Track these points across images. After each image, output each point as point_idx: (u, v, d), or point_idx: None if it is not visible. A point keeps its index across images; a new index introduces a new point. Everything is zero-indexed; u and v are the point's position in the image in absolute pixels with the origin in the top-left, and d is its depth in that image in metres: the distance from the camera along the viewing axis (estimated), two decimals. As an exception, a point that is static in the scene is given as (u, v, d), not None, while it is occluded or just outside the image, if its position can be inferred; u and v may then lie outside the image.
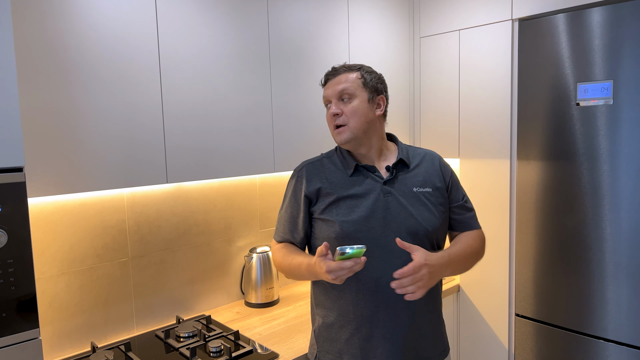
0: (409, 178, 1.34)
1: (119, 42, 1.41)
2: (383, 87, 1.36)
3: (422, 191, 1.33)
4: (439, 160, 1.40)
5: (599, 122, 1.78)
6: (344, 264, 1.09)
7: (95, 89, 1.37)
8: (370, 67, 1.39)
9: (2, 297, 1.03)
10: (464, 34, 2.18)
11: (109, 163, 1.41)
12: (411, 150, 1.40)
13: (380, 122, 1.36)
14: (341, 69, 1.34)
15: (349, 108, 1.30)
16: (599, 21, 1.75)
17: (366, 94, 1.31)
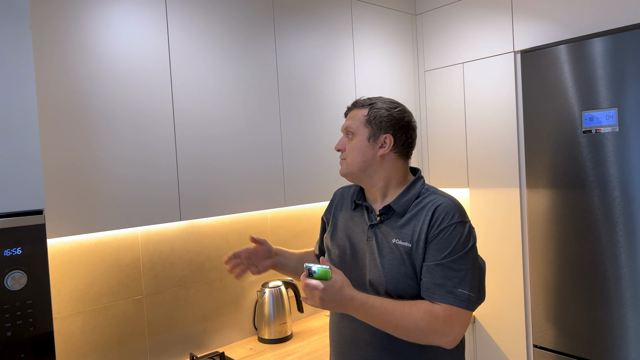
0: (395, 227, 1.24)
1: (134, 87, 1.46)
2: (392, 125, 1.25)
3: (401, 244, 1.21)
4: (438, 212, 1.20)
5: (606, 149, 1.79)
6: (307, 282, 1.10)
7: (111, 132, 1.42)
8: (389, 103, 1.28)
9: (20, 338, 1.05)
10: (467, 66, 2.23)
11: (124, 203, 1.45)
12: (422, 196, 1.25)
13: (387, 160, 1.27)
14: (356, 104, 1.31)
15: (349, 145, 1.29)
16: (600, 51, 1.79)
17: (367, 132, 1.26)
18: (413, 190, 1.27)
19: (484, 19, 2.15)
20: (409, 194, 1.26)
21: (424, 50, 2.40)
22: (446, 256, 1.16)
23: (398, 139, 1.26)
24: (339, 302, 1.11)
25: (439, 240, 1.17)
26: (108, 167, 1.42)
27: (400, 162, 1.29)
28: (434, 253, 1.17)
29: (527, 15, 2.00)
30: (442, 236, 1.17)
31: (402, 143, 1.27)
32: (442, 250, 1.16)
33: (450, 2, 2.27)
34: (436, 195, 1.25)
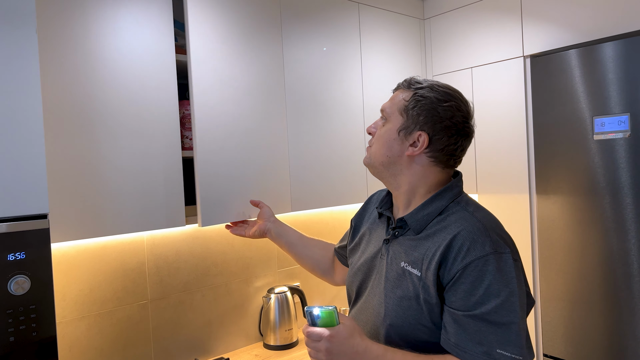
0: (407, 247, 1.02)
1: (139, 91, 1.46)
2: (432, 121, 1.00)
3: (410, 270, 0.99)
4: (459, 240, 0.93)
5: (618, 155, 1.76)
6: (309, 331, 0.92)
7: (117, 137, 1.42)
8: (442, 93, 1.01)
9: (24, 343, 1.04)
10: (476, 71, 2.21)
11: (129, 207, 1.44)
12: (448, 212, 1.01)
13: (417, 163, 1.03)
14: (403, 84, 1.08)
15: (379, 131, 1.08)
16: (611, 55, 1.76)
17: (401, 121, 1.03)
18: (437, 203, 1.02)
19: (493, 23, 2.13)
20: (430, 206, 1.02)
21: (432, 54, 2.39)
22: (477, 304, 0.89)
23: (436, 141, 1.00)
24: (350, 354, 0.91)
25: (464, 279, 0.90)
26: (113, 173, 1.41)
27: (436, 170, 1.04)
28: (462, 297, 0.90)
29: (537, 20, 1.98)
30: (469, 274, 0.90)
31: (442, 147, 1.01)
32: (471, 294, 0.89)
33: (458, 7, 2.26)
34: (465, 212, 0.98)
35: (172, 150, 1.53)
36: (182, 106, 1.57)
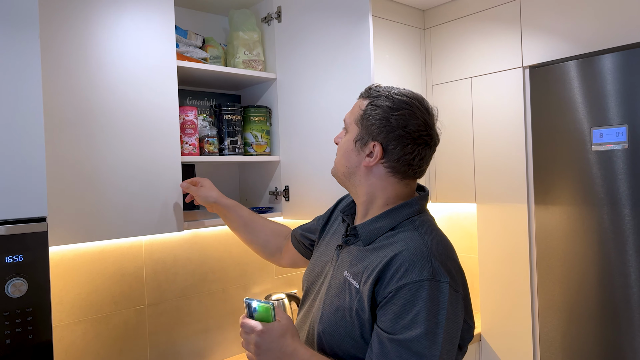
0: (352, 256, 1.01)
1: (140, 95, 1.47)
2: (384, 131, 0.97)
3: (351, 281, 0.97)
4: (399, 260, 0.90)
5: (616, 166, 1.77)
6: (243, 322, 0.94)
7: (116, 142, 1.42)
8: (396, 101, 0.98)
9: (19, 346, 1.04)
10: (475, 81, 2.22)
11: (127, 212, 1.44)
12: (400, 228, 0.98)
13: (375, 174, 1.01)
14: (363, 93, 1.06)
15: (340, 142, 1.08)
16: (610, 67, 1.77)
17: (356, 132, 1.02)
18: (392, 218, 0.99)
19: (492, 34, 2.14)
20: (383, 220, 0.99)
21: (432, 64, 2.40)
22: (404, 328, 0.86)
23: (390, 151, 0.98)
24: (277, 352, 0.90)
25: (396, 301, 0.87)
26: (111, 178, 1.42)
27: (393, 181, 1.01)
28: (390, 318, 0.88)
29: (536, 31, 1.99)
30: (401, 297, 0.87)
31: (397, 158, 0.98)
32: (399, 317, 0.87)
33: (458, 17, 2.27)
34: (415, 233, 0.95)
35: (172, 155, 1.53)
36: (182, 112, 1.58)
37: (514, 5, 2.06)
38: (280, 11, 1.77)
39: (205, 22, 1.93)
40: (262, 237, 1.46)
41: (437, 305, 0.87)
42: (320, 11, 1.62)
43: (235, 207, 1.47)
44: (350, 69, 1.54)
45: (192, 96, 1.85)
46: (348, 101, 1.56)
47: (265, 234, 1.45)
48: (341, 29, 1.55)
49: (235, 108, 1.73)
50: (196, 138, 1.60)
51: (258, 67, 1.79)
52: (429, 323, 0.86)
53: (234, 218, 1.46)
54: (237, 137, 1.72)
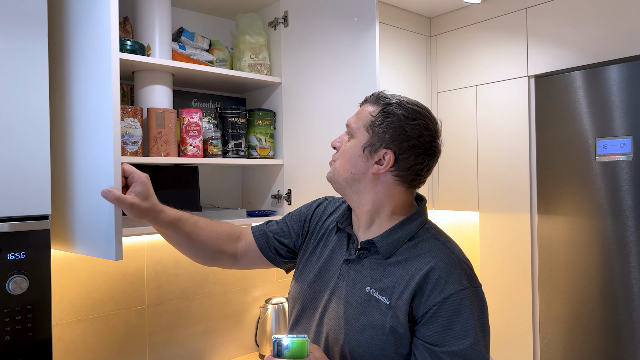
0: (373, 271, 0.98)
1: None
2: (398, 139, 0.96)
3: (377, 297, 0.95)
4: (437, 273, 0.91)
5: (620, 177, 1.76)
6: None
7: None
8: (411, 111, 0.98)
9: (18, 343, 1.04)
10: (480, 89, 2.22)
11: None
12: (418, 238, 0.98)
13: (382, 182, 1.00)
14: (370, 98, 1.04)
15: (344, 146, 1.04)
16: (615, 78, 1.77)
17: (366, 138, 0.99)
18: (408, 228, 0.99)
19: (498, 42, 2.14)
20: (400, 231, 0.98)
21: (438, 71, 2.40)
22: (455, 339, 0.87)
23: (402, 160, 0.97)
24: None
25: (442, 313, 0.88)
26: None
27: (400, 189, 1.00)
28: (438, 331, 0.88)
29: (542, 40, 2.00)
30: (446, 308, 0.88)
31: (407, 167, 0.98)
32: (448, 329, 0.88)
33: (465, 25, 2.28)
34: (437, 242, 0.97)
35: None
36: (187, 114, 1.59)
37: (520, 14, 2.06)
38: (287, 16, 1.78)
39: (213, 26, 1.95)
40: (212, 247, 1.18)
41: (480, 311, 0.90)
42: (327, 17, 1.63)
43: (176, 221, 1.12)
44: (355, 75, 1.54)
45: (197, 98, 1.86)
46: (352, 107, 1.56)
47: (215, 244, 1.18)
48: (347, 35, 1.56)
49: (239, 111, 1.73)
50: (200, 140, 1.61)
51: (263, 71, 1.80)
52: (477, 330, 0.88)
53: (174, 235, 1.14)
54: (241, 140, 1.73)
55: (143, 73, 1.56)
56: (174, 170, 1.63)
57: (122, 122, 1.43)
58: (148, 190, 1.05)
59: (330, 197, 1.24)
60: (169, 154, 1.53)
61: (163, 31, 1.58)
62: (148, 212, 1.05)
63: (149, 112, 1.51)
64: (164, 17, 1.58)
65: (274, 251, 1.20)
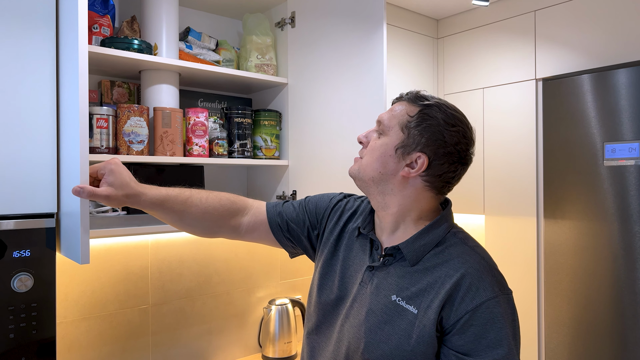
0: (400, 279, 0.94)
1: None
2: (435, 144, 0.92)
3: (404, 306, 0.91)
4: (468, 280, 0.88)
5: (628, 182, 1.75)
6: None
7: (128, 139, 1.43)
8: (451, 116, 0.93)
9: (23, 341, 1.04)
10: (487, 92, 2.21)
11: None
12: (445, 244, 0.95)
13: (411, 186, 0.95)
14: (407, 97, 0.99)
15: (373, 142, 0.99)
16: (624, 82, 1.76)
17: (400, 138, 0.94)
18: (435, 233, 0.95)
19: (506, 45, 2.13)
20: (427, 236, 0.94)
21: (445, 73, 2.39)
22: (489, 347, 0.84)
23: (435, 166, 0.93)
24: None
25: (474, 322, 0.85)
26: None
27: (429, 195, 0.96)
28: (471, 340, 0.85)
29: (550, 43, 1.98)
30: (479, 316, 0.85)
31: (440, 174, 0.94)
32: (482, 337, 0.84)
33: (472, 27, 2.27)
34: (466, 247, 0.93)
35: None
36: (193, 113, 1.59)
37: (528, 17, 2.05)
38: (294, 16, 1.78)
39: (220, 26, 1.95)
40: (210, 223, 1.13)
41: (512, 318, 0.87)
42: (334, 18, 1.63)
43: (162, 200, 1.05)
44: (362, 76, 1.54)
45: (203, 98, 1.86)
46: (359, 108, 1.56)
47: (213, 220, 1.12)
48: (354, 36, 1.55)
49: (245, 111, 1.73)
50: (206, 140, 1.61)
51: (270, 72, 1.80)
52: (510, 338, 0.85)
53: (163, 215, 1.09)
54: (246, 140, 1.73)
55: (150, 72, 1.56)
56: (179, 169, 1.63)
57: (128, 122, 1.43)
58: (121, 178, 0.99)
59: (348, 196, 1.18)
60: (174, 154, 1.53)
61: (170, 31, 1.58)
62: (127, 199, 1.00)
63: (155, 111, 1.51)
64: (171, 17, 1.58)
65: (286, 236, 1.16)
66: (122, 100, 1.64)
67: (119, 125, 1.43)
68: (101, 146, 1.39)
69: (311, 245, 1.16)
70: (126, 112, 1.43)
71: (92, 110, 1.39)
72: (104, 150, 1.39)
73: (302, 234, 1.15)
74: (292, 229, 1.15)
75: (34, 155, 1.06)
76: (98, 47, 1.36)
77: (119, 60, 1.45)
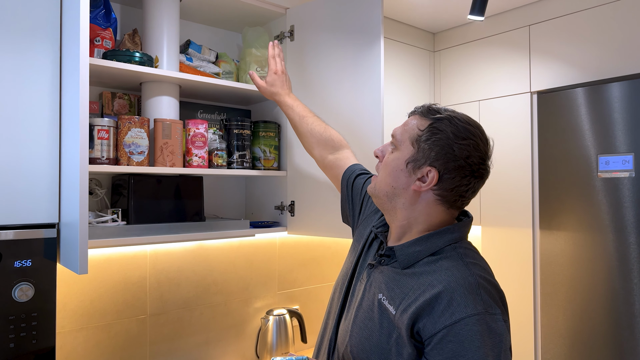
0: (389, 279, 0.95)
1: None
2: (444, 158, 0.92)
3: (386, 306, 0.92)
4: (446, 295, 0.85)
5: (622, 194, 1.77)
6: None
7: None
8: (462, 129, 0.92)
9: (22, 350, 1.05)
10: (483, 104, 2.24)
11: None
12: (442, 254, 0.93)
13: (422, 200, 0.95)
14: (420, 110, 0.99)
15: (387, 157, 1.00)
16: (618, 96, 1.79)
17: (410, 153, 0.95)
18: (433, 242, 0.94)
19: (501, 58, 2.17)
20: (424, 244, 0.94)
21: (441, 86, 2.43)
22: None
23: (447, 179, 0.92)
24: None
25: (453, 338, 0.82)
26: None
27: (440, 209, 0.96)
28: (449, 356, 0.82)
29: (544, 57, 2.02)
30: (457, 333, 0.82)
31: (452, 187, 0.93)
32: (459, 355, 0.81)
33: (468, 41, 2.31)
34: (460, 262, 0.90)
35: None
36: (193, 125, 1.61)
37: (523, 31, 2.09)
38: (293, 30, 1.81)
39: (220, 38, 1.98)
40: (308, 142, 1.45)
41: (495, 339, 0.83)
42: (333, 31, 1.65)
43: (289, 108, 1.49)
44: (359, 89, 1.56)
45: (203, 110, 1.88)
46: (356, 120, 1.58)
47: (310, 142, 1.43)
48: (352, 49, 1.58)
49: (245, 123, 1.75)
50: (205, 151, 1.63)
51: (269, 84, 1.82)
52: (490, 357, 0.82)
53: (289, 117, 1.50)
54: (245, 151, 1.75)
55: (150, 84, 1.59)
56: (178, 180, 1.64)
57: (129, 133, 1.45)
58: (276, 81, 1.50)
59: None
60: (174, 164, 1.55)
61: (171, 43, 1.60)
62: (273, 95, 1.51)
63: (156, 122, 1.53)
64: (172, 30, 1.60)
65: (349, 200, 1.26)
66: (123, 111, 1.66)
67: (120, 136, 1.45)
68: (102, 157, 1.40)
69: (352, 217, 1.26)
70: (127, 124, 1.45)
71: (93, 121, 1.40)
72: (105, 161, 1.40)
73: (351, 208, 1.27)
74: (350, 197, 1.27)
75: (36, 165, 1.08)
76: (100, 59, 1.39)
77: (121, 73, 1.47)
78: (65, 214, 1.10)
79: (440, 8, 2.14)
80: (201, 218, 1.67)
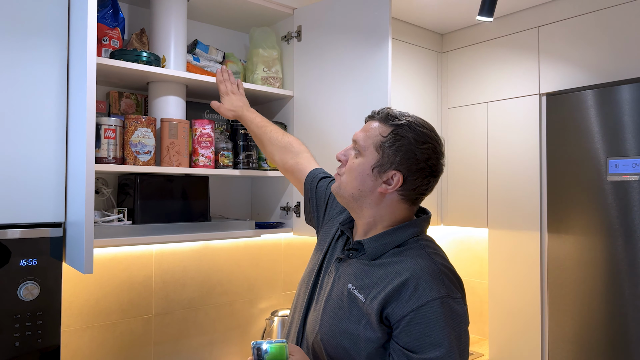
0: (357, 270, 1.02)
1: (160, 107, 1.48)
2: (408, 162, 1.00)
3: (356, 294, 0.99)
4: (413, 281, 0.94)
5: (632, 197, 1.75)
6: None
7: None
8: (421, 133, 1.01)
9: (28, 349, 1.05)
10: (491, 106, 2.22)
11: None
12: (406, 245, 1.02)
13: (387, 200, 1.03)
14: (379, 115, 1.06)
15: (350, 162, 1.07)
16: (627, 98, 1.77)
17: (375, 158, 1.02)
18: (398, 235, 1.02)
19: (510, 60, 2.15)
20: (389, 237, 1.02)
21: (449, 87, 2.41)
22: (432, 345, 0.89)
23: (410, 181, 1.01)
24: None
25: (420, 320, 0.91)
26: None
27: (403, 206, 1.05)
28: (416, 337, 0.91)
29: (554, 59, 2.00)
30: (423, 315, 0.91)
31: (414, 188, 1.02)
32: (426, 335, 0.90)
33: (476, 42, 2.29)
34: (423, 252, 0.99)
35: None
36: (200, 125, 1.60)
37: (532, 32, 2.07)
38: (301, 30, 1.80)
39: (227, 39, 1.97)
40: (269, 151, 1.49)
41: (456, 320, 0.92)
42: (340, 32, 1.65)
43: (250, 121, 1.54)
44: (367, 90, 1.55)
45: (209, 110, 1.88)
46: (363, 121, 1.57)
47: (271, 149, 1.47)
48: (360, 50, 1.57)
49: (251, 123, 1.75)
50: (212, 151, 1.62)
51: (276, 84, 1.82)
52: (452, 338, 0.91)
53: (250, 129, 1.56)
54: (251, 151, 1.74)
55: (157, 84, 1.59)
56: (184, 180, 1.64)
57: (135, 132, 1.45)
58: (233, 102, 1.55)
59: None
60: (180, 164, 1.55)
61: (178, 43, 1.60)
62: (235, 115, 1.55)
63: (162, 122, 1.53)
64: (179, 30, 1.60)
65: (313, 202, 1.31)
66: (130, 111, 1.66)
67: (127, 135, 1.45)
68: (108, 156, 1.40)
69: (317, 219, 1.30)
70: (134, 123, 1.45)
71: (100, 120, 1.41)
72: (111, 160, 1.41)
73: (315, 210, 1.31)
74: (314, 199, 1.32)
75: (42, 164, 1.08)
76: (107, 59, 1.39)
77: (128, 72, 1.47)
78: (72, 213, 1.10)
79: (449, 9, 2.13)
80: (207, 218, 1.67)
